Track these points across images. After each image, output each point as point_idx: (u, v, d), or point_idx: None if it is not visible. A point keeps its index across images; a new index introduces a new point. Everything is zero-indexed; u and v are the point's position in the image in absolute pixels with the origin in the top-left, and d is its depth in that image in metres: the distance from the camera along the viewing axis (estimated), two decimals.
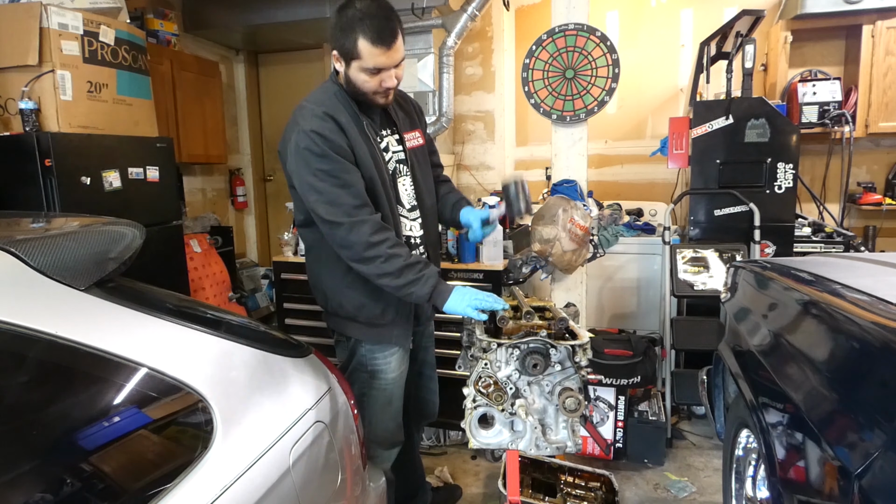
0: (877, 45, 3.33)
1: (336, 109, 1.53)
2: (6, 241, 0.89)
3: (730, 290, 1.96)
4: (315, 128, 1.47)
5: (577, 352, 1.37)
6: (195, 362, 0.99)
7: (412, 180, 1.70)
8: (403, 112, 1.73)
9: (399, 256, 1.49)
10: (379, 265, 1.48)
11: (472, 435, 1.41)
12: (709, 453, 2.74)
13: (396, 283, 1.49)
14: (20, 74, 2.34)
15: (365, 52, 1.43)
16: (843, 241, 3.12)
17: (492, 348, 1.38)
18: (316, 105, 1.54)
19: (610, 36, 2.85)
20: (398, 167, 1.68)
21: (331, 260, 1.59)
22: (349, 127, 1.52)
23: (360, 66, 1.47)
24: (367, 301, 1.63)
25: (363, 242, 1.47)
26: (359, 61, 1.46)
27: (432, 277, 1.50)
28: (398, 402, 1.79)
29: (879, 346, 1.00)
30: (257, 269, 4.74)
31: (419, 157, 1.73)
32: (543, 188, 3.49)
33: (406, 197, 1.69)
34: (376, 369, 1.71)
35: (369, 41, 1.42)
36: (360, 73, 1.48)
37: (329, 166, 1.47)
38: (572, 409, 1.34)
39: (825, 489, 1.03)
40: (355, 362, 1.74)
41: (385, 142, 1.64)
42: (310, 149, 1.47)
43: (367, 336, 1.69)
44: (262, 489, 0.95)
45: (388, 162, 1.64)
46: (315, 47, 4.57)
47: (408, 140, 1.69)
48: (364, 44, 1.42)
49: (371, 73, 1.47)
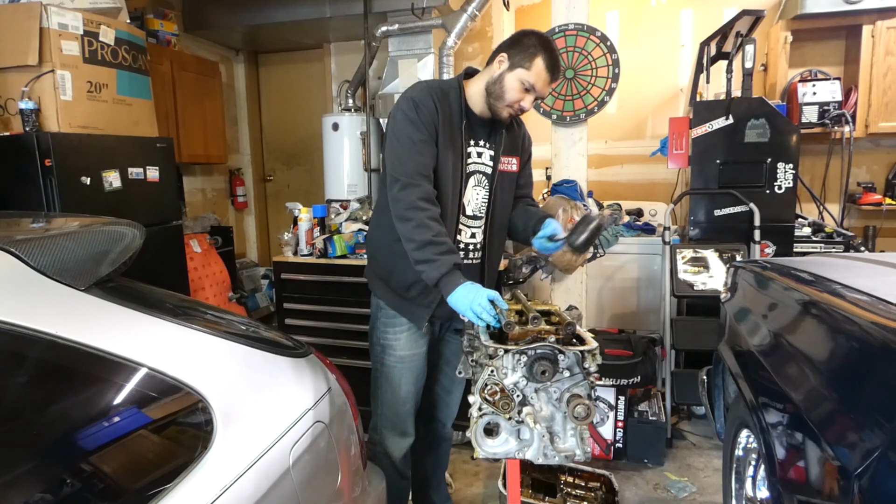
0: (877, 45, 3.34)
1: (443, 96, 1.65)
2: (6, 241, 0.89)
3: (730, 290, 1.96)
4: (415, 97, 1.62)
5: (587, 357, 1.34)
6: (195, 362, 0.99)
7: (488, 194, 1.77)
8: (510, 137, 1.80)
9: (430, 229, 1.54)
10: (411, 228, 1.56)
11: (477, 444, 1.37)
12: (709, 453, 2.73)
13: (416, 254, 1.56)
14: (20, 74, 2.34)
15: (537, 69, 1.59)
16: (843, 241, 3.12)
17: (498, 355, 1.34)
18: (428, 85, 1.68)
19: (610, 36, 2.85)
20: (476, 176, 1.75)
21: (389, 223, 1.68)
22: (445, 116, 1.63)
23: (522, 77, 1.60)
24: (400, 270, 1.71)
25: (409, 202, 1.56)
26: (525, 72, 1.59)
27: (445, 265, 1.53)
28: (408, 387, 1.82)
29: (879, 346, 1.00)
30: (257, 269, 4.74)
31: (505, 181, 1.80)
32: (543, 188, 3.50)
33: (473, 204, 1.76)
34: (387, 343, 1.79)
35: (546, 65, 1.59)
36: (515, 81, 1.61)
37: (411, 131, 1.59)
38: (582, 416, 1.30)
39: (825, 489, 1.03)
40: (374, 334, 1.83)
41: (474, 149, 1.72)
42: (404, 111, 1.61)
43: (387, 300, 1.78)
44: (262, 489, 0.95)
45: (468, 165, 1.71)
46: (315, 47, 4.57)
47: (503, 162, 1.77)
48: (541, 64, 1.58)
49: (524, 88, 1.61)
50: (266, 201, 5.07)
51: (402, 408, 1.83)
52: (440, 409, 2.03)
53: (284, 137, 4.93)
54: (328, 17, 3.74)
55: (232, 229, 4.23)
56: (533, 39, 1.60)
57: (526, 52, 1.59)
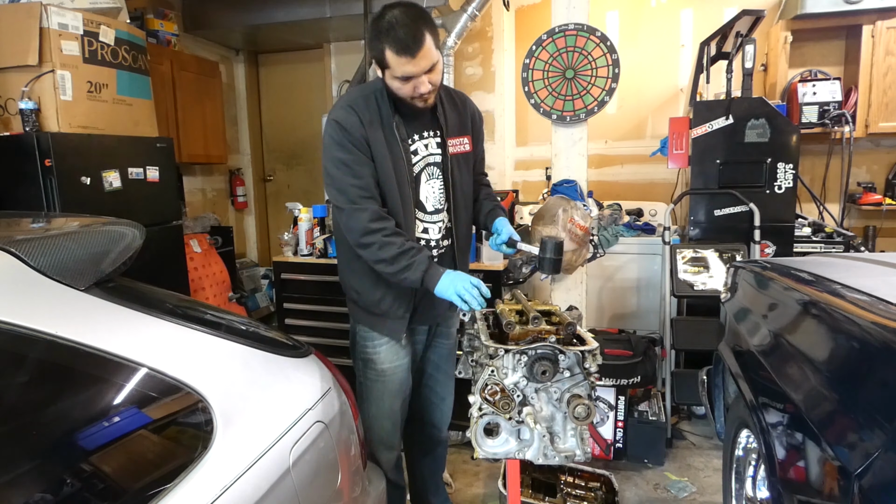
0: (877, 45, 3.33)
1: (364, 106, 1.59)
2: (6, 241, 0.89)
3: (730, 290, 1.96)
4: (337, 117, 1.58)
5: (587, 358, 1.34)
6: (195, 362, 0.99)
7: (443, 184, 1.73)
8: (457, 116, 1.74)
9: (393, 244, 1.55)
10: (375, 251, 1.56)
11: (477, 445, 1.37)
12: (709, 453, 2.73)
13: (391, 270, 1.56)
14: (20, 74, 2.34)
15: (392, 61, 1.47)
16: (843, 241, 3.12)
17: (499, 354, 1.34)
18: (348, 99, 1.64)
19: (610, 36, 2.85)
20: (428, 169, 1.70)
21: (345, 244, 1.70)
22: (372, 124, 1.59)
23: (392, 75, 1.52)
24: (366, 288, 1.72)
25: (361, 228, 1.56)
26: (389, 70, 1.51)
27: (423, 262, 1.56)
28: (391, 402, 1.81)
29: (879, 346, 0.99)
30: (257, 269, 4.74)
31: (461, 163, 1.75)
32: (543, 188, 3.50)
33: (432, 199, 1.72)
34: (367, 357, 1.78)
35: (394, 51, 1.45)
36: (393, 81, 1.53)
37: (343, 155, 1.57)
38: (582, 416, 1.31)
39: (825, 489, 1.03)
40: (355, 349, 1.82)
41: (417, 144, 1.67)
42: (330, 135, 1.59)
43: (362, 320, 1.77)
44: (262, 489, 0.95)
45: (416, 164, 1.67)
46: (315, 47, 4.57)
47: (451, 145, 1.71)
48: (390, 54, 1.46)
49: (402, 81, 1.51)
50: (266, 201, 5.07)
51: (386, 422, 1.83)
52: (434, 415, 2.02)
53: (284, 137, 4.93)
54: (328, 17, 3.74)
55: (232, 229, 4.23)
56: (375, 29, 1.48)
57: (376, 49, 1.49)
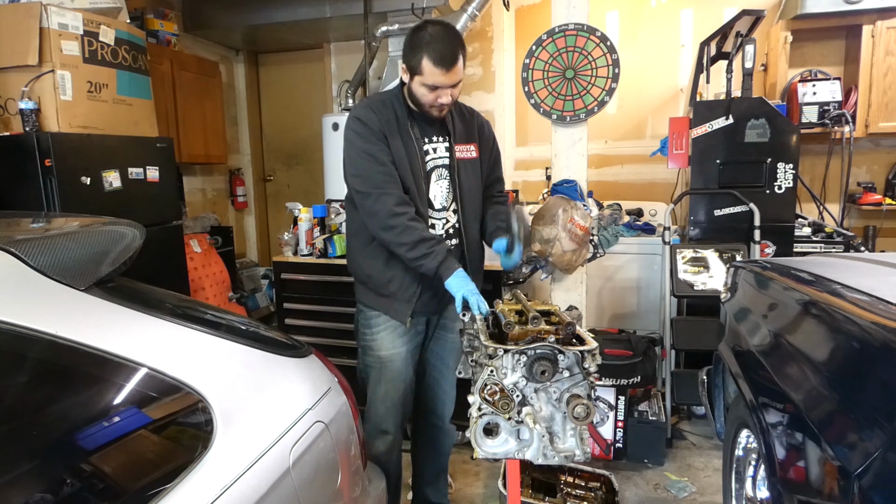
0: (877, 45, 3.33)
1: (382, 107, 1.74)
2: (6, 241, 0.89)
3: (730, 290, 1.96)
4: (358, 115, 1.73)
5: (587, 358, 1.34)
6: (195, 362, 0.99)
7: (450, 184, 1.84)
8: (464, 125, 1.88)
9: (416, 229, 1.66)
10: (398, 234, 1.65)
11: (477, 445, 1.38)
12: (709, 453, 2.73)
13: (411, 255, 1.65)
14: (20, 74, 2.34)
15: (427, 70, 1.62)
16: (843, 241, 3.12)
17: (498, 354, 1.35)
18: (366, 102, 1.80)
19: (610, 36, 2.85)
20: (437, 170, 1.82)
21: (360, 232, 1.81)
22: (390, 123, 1.73)
23: (421, 82, 1.66)
24: (377, 270, 1.81)
25: (387, 211, 1.66)
26: (421, 77, 1.65)
27: (441, 253, 1.66)
28: (386, 386, 1.88)
29: (879, 346, 1.00)
30: (257, 269, 4.74)
31: (468, 167, 1.87)
32: (543, 188, 3.50)
33: (440, 197, 1.83)
34: (365, 344, 1.88)
35: (432, 62, 1.61)
36: (420, 87, 1.67)
37: (366, 146, 1.69)
38: (582, 416, 1.31)
39: (825, 489, 1.03)
40: (357, 338, 1.93)
41: (429, 146, 1.81)
42: (353, 129, 1.72)
43: (370, 302, 1.86)
44: (262, 489, 0.95)
45: (427, 162, 1.80)
46: (315, 47, 4.57)
47: (458, 150, 1.84)
48: (427, 63, 1.61)
49: (429, 89, 1.66)
50: (266, 201, 5.08)
51: (379, 405, 1.89)
52: (436, 405, 2.07)
53: (284, 137, 4.93)
54: (328, 17, 3.74)
55: (232, 229, 4.24)
56: (415, 39, 1.64)
57: (414, 57, 1.63)
